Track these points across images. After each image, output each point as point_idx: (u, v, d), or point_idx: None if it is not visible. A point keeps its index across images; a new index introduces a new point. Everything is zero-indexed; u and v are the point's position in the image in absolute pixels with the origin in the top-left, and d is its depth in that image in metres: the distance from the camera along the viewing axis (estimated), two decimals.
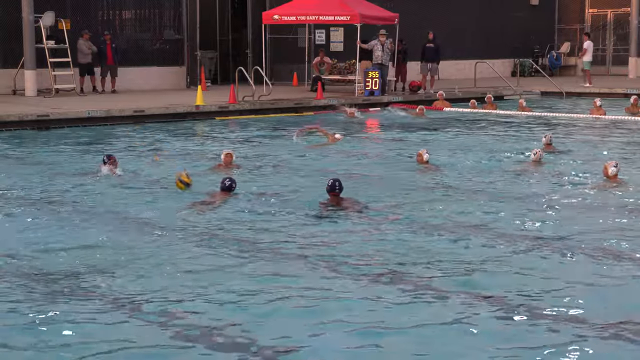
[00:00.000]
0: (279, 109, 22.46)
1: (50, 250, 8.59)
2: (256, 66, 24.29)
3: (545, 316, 6.70)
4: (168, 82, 26.22)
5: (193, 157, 14.83)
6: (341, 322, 6.56)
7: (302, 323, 6.56)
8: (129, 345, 6.17)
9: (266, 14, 25.61)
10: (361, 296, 7.17)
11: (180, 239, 9.06)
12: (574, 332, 6.39)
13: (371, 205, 10.55)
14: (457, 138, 17.66)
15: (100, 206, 10.64)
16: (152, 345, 6.18)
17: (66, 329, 6.43)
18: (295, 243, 8.92)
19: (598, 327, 6.46)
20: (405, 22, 26.70)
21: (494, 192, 11.68)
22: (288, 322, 6.62)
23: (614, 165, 11.96)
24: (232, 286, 7.44)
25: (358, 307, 6.89)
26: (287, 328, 6.48)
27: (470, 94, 25.31)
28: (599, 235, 9.22)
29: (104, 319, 6.65)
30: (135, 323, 6.59)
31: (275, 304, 7.00)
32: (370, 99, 24.03)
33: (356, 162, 14.41)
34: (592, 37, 34.84)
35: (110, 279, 7.65)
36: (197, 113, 21.19)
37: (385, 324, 6.54)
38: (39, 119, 18.98)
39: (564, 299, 7.11)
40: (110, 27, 25.51)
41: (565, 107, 24.15)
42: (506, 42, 29.73)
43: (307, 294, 7.21)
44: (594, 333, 6.36)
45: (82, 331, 6.40)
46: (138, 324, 6.58)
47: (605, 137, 17.62)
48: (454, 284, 7.48)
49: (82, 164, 13.95)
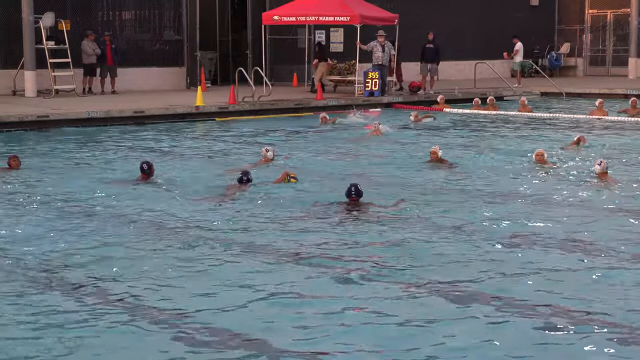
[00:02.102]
0: (279, 109, 22.45)
1: (79, 255, 8.55)
2: (256, 67, 24.28)
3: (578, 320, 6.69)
4: (168, 83, 26.21)
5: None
6: (366, 324, 6.53)
7: (321, 328, 6.53)
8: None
9: (266, 15, 25.61)
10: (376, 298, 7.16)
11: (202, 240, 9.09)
12: (600, 335, 6.40)
13: (388, 209, 10.53)
14: (462, 138, 17.72)
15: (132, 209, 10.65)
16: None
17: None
18: (300, 245, 8.90)
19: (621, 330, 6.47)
20: (405, 23, 26.70)
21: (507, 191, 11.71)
22: (298, 326, 6.59)
23: (599, 163, 12.17)
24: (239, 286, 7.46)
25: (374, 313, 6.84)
26: (296, 332, 6.47)
27: (470, 94, 25.30)
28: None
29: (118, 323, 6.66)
30: (171, 332, 6.51)
31: (283, 306, 7.00)
32: (370, 100, 24.03)
33: (373, 163, 14.40)
34: (591, 37, 34.97)
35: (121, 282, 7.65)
36: (197, 114, 21.18)
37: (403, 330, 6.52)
38: (39, 119, 18.97)
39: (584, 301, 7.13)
40: (110, 27, 25.51)
41: (566, 108, 24.19)
42: (506, 42, 29.72)
43: (320, 299, 7.18)
44: (615, 335, 6.37)
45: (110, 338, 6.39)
46: (173, 333, 6.50)
47: (602, 137, 17.63)
48: (479, 289, 7.45)
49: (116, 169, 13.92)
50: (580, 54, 35.37)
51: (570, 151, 15.27)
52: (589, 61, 35.40)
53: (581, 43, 35.36)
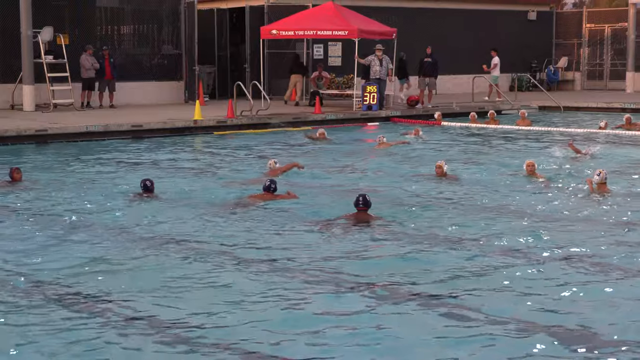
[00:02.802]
0: (276, 123, 22.44)
1: (79, 266, 8.55)
2: (254, 81, 24.32)
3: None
4: (166, 97, 26.23)
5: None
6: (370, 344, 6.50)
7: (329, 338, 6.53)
8: None
9: (264, 29, 25.67)
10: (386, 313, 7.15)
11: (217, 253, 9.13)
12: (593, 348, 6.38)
13: (397, 222, 10.54)
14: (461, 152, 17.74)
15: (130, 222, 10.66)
16: None
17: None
18: (303, 257, 8.92)
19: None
20: (403, 37, 26.76)
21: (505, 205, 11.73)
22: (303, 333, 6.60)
23: (597, 173, 12.23)
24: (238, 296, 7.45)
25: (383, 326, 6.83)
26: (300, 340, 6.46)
27: (468, 108, 25.32)
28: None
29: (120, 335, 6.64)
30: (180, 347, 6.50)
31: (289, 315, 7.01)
32: (368, 114, 24.05)
33: (378, 176, 14.42)
34: (589, 51, 35.05)
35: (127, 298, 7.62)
36: (195, 128, 21.18)
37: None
38: (37, 133, 18.97)
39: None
40: (109, 41, 25.56)
41: (563, 122, 24.23)
42: (504, 56, 29.81)
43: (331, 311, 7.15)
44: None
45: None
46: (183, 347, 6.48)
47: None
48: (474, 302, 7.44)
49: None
50: (578, 68, 35.43)
51: (570, 161, 15.33)
52: (587, 75, 35.46)
53: (579, 57, 35.43)
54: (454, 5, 32.57)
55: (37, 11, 22.90)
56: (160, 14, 26.66)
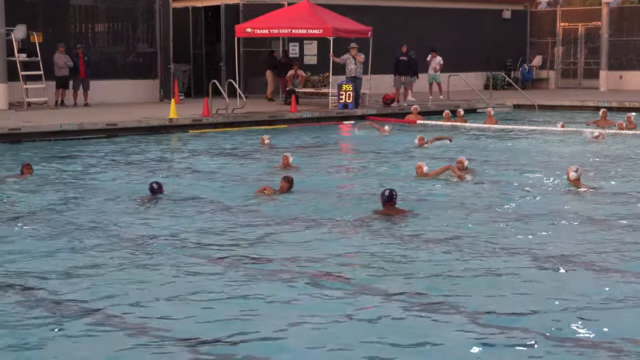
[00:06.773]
0: (252, 121, 22.44)
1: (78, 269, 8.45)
2: (230, 79, 24.27)
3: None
4: (141, 95, 26.12)
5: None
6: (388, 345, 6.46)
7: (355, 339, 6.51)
8: None
9: (239, 27, 25.64)
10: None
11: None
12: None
13: (424, 219, 10.53)
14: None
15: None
16: None
17: None
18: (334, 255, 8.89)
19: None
20: (379, 36, 26.79)
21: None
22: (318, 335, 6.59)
23: (575, 170, 12.30)
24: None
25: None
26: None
27: (443, 107, 25.38)
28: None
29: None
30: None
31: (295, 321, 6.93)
32: (344, 112, 24.07)
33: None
34: (563, 50, 35.27)
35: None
36: (170, 126, 21.11)
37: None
38: (10, 132, 18.84)
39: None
40: (83, 40, 25.41)
41: (538, 120, 24.34)
42: (479, 55, 29.91)
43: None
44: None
45: None
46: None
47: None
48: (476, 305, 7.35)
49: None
50: (553, 67, 35.64)
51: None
52: (561, 74, 35.68)
53: (553, 56, 35.64)
54: (430, 4, 32.65)
55: (11, 9, 22.78)
56: (135, 11, 26.55)
